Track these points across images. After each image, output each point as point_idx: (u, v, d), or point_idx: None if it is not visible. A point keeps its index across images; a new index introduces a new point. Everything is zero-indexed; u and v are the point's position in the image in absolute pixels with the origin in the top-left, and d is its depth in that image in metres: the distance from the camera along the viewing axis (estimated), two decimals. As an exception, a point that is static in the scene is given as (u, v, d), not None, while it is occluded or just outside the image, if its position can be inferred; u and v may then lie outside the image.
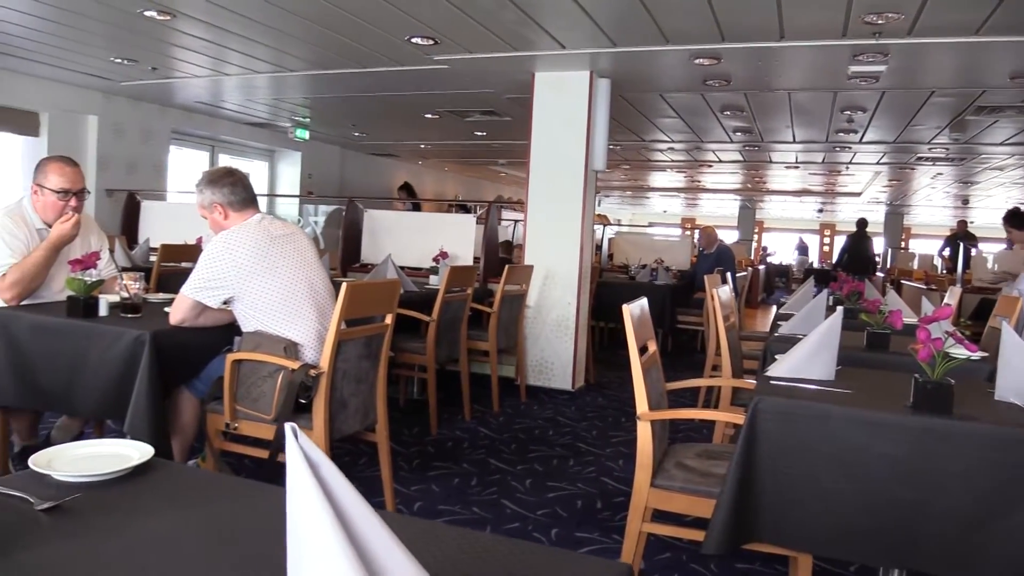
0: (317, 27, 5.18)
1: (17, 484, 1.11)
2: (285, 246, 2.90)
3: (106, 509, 1.07)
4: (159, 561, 0.95)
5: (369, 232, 6.63)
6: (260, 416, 2.79)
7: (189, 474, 1.29)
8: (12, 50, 6.35)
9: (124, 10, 4.98)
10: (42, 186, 3.22)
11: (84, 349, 2.80)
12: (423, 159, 14.12)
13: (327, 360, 2.73)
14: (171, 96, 8.19)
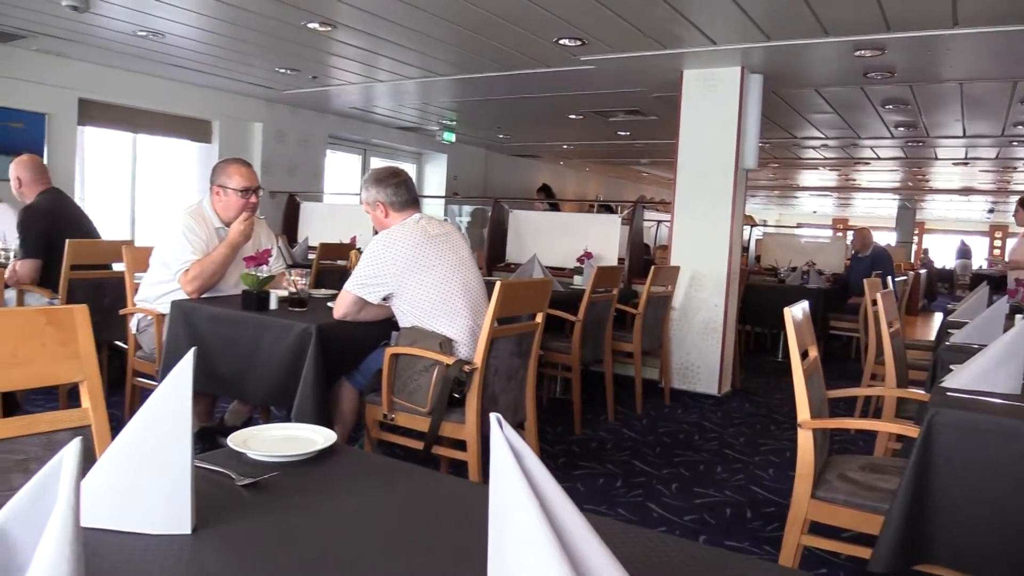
0: (465, 31, 5.30)
1: (218, 461, 1.20)
2: (441, 245, 2.99)
3: (299, 487, 1.14)
4: (352, 538, 1.00)
5: (514, 232, 6.72)
6: (416, 408, 2.88)
7: (369, 459, 1.35)
8: (188, 64, 6.89)
9: (289, 23, 5.29)
10: (224, 187, 3.47)
11: (256, 340, 2.99)
12: (565, 159, 14.17)
13: (480, 356, 2.79)
14: (328, 103, 8.63)
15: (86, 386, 1.37)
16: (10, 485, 1.27)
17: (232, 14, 5.17)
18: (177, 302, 3.21)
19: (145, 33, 5.85)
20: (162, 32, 5.81)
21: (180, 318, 3.17)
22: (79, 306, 1.38)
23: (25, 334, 1.31)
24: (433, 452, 2.89)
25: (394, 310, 3.01)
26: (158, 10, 5.19)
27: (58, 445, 1.33)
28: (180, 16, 5.34)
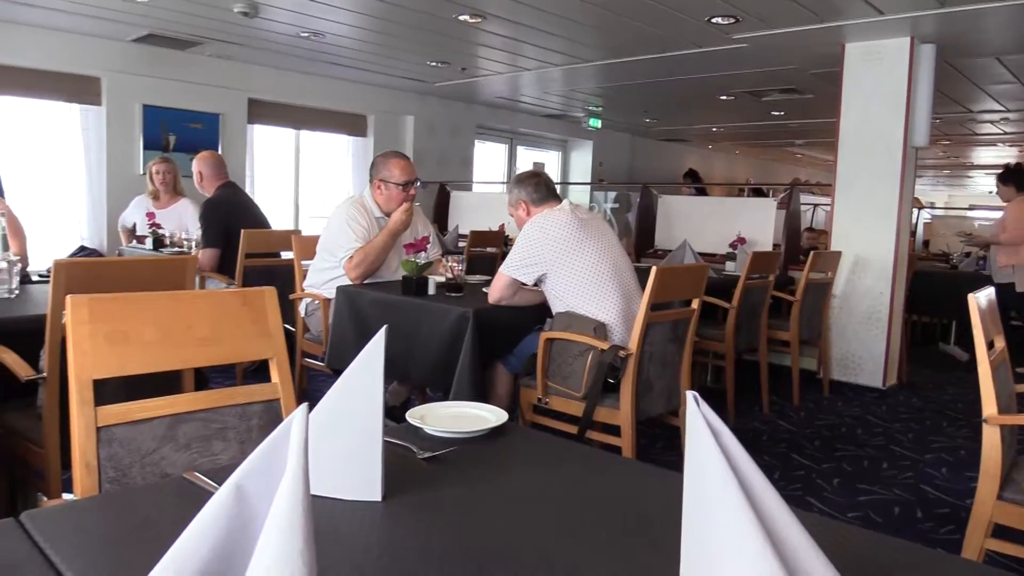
0: (613, 15, 5.24)
1: (397, 435, 1.26)
2: (591, 229, 3.00)
3: (475, 462, 1.18)
4: (529, 512, 1.02)
5: (663, 218, 6.60)
6: (570, 393, 2.90)
7: (539, 438, 1.37)
8: (345, 61, 7.22)
9: (442, 16, 5.42)
10: (385, 181, 3.62)
11: (416, 324, 3.10)
12: (713, 143, 13.77)
13: (635, 342, 2.77)
14: (476, 93, 8.80)
15: (275, 363, 1.47)
16: (211, 450, 1.39)
17: (387, 11, 5.37)
18: (342, 287, 3.39)
19: (307, 34, 6.18)
20: (322, 32, 6.12)
21: (345, 302, 3.34)
22: (269, 288, 1.48)
23: (223, 314, 1.42)
24: (587, 436, 2.90)
25: (547, 294, 3.04)
26: (319, 11, 5.47)
27: (251, 416, 1.44)
28: (339, 16, 5.60)
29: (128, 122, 6.88)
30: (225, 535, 0.56)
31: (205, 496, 1.01)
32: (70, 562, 0.83)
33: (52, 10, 5.68)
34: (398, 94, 8.66)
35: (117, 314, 1.29)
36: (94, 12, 5.69)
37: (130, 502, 1.06)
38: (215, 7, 5.42)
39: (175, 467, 1.33)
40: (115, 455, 1.26)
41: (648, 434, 4.09)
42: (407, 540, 0.94)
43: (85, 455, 1.23)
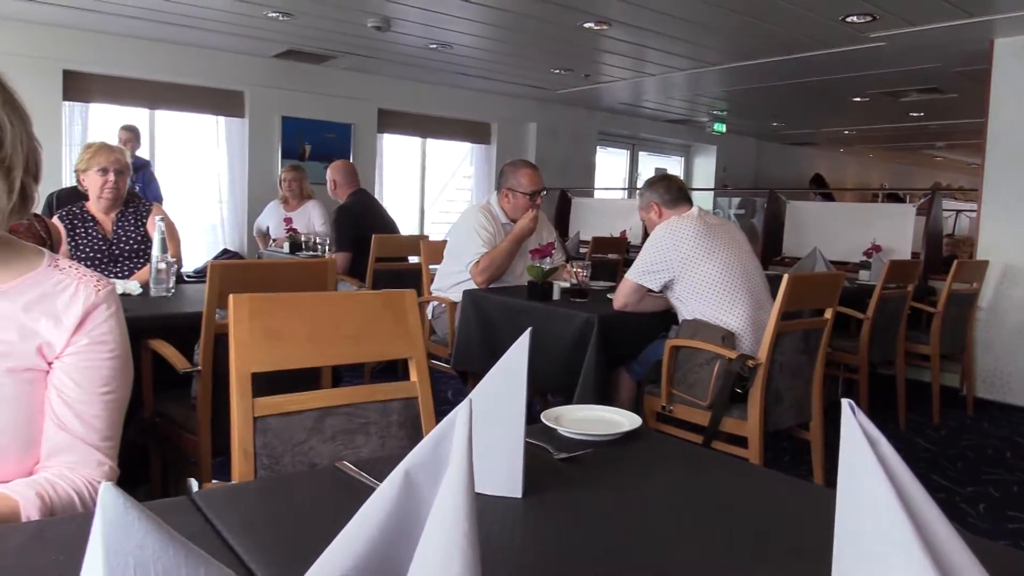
0: (740, 17, 5.13)
1: (533, 435, 1.29)
2: (722, 234, 2.96)
3: (611, 465, 1.20)
4: (665, 517, 1.02)
5: (791, 224, 6.39)
6: (695, 402, 2.86)
7: (673, 444, 1.37)
8: (471, 71, 7.39)
9: (566, 25, 5.47)
10: (513, 190, 3.68)
11: (541, 328, 3.13)
12: (845, 146, 13.20)
13: (765, 351, 2.70)
14: (598, 100, 8.80)
15: (414, 362, 1.53)
16: (354, 443, 1.46)
17: (513, 21, 5.46)
18: (468, 291, 3.47)
19: (436, 46, 6.37)
20: (450, 44, 6.29)
21: (471, 306, 3.42)
22: (409, 291, 1.55)
23: (367, 315, 1.50)
24: (712, 447, 2.85)
25: (673, 301, 3.01)
26: (448, 24, 5.63)
27: (391, 412, 1.51)
28: (466, 28, 5.74)
29: (268, 133, 7.29)
30: (393, 518, 0.60)
31: (355, 484, 1.07)
32: (239, 538, 0.90)
33: (204, 31, 6.11)
34: (521, 102, 8.78)
35: (273, 312, 1.38)
36: (241, 31, 6.07)
37: (288, 487, 1.13)
38: (351, 22, 5.68)
39: (321, 457, 1.41)
40: (269, 444, 1.35)
41: (773, 447, 3.97)
42: (546, 538, 0.96)
43: (243, 443, 1.32)
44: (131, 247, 3.35)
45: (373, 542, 0.59)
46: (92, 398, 1.17)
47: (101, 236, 3.32)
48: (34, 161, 1.17)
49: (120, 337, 1.22)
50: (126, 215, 3.38)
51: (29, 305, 1.16)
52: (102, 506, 0.42)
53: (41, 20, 5.90)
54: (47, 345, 1.15)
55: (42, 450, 1.14)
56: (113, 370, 1.20)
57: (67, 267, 1.23)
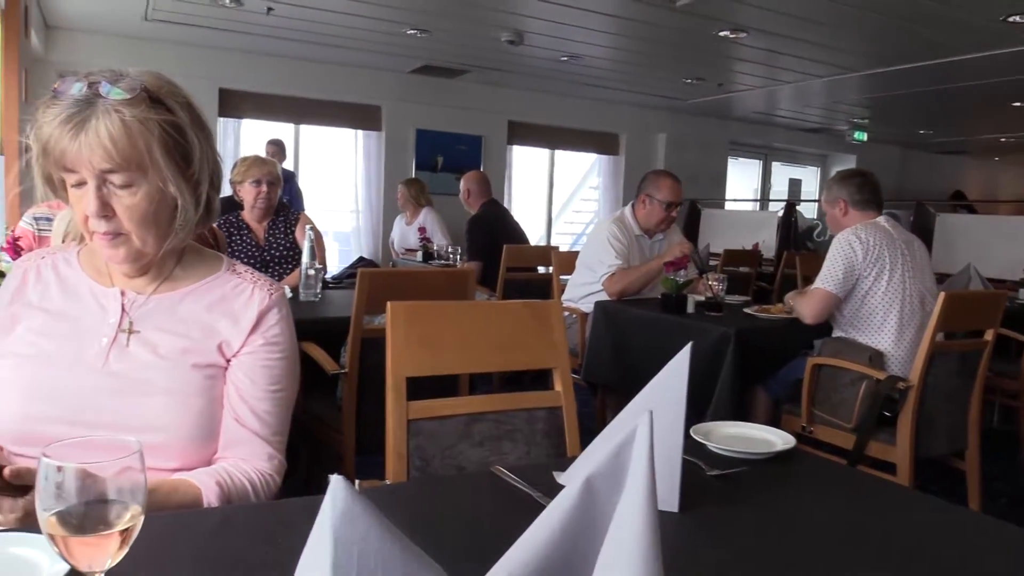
0: (886, 20, 4.89)
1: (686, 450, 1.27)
2: (902, 252, 2.83)
3: (765, 484, 1.17)
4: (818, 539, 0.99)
5: (941, 238, 6.02)
6: (839, 423, 2.74)
7: (827, 466, 1.32)
8: (600, 82, 7.39)
9: (701, 34, 5.39)
10: (651, 196, 3.65)
11: (674, 342, 3.06)
12: (1001, 154, 12.31)
13: (918, 373, 2.55)
14: (730, 109, 8.60)
15: (559, 372, 1.55)
16: (501, 450, 1.49)
17: (646, 31, 5.43)
18: (601, 303, 3.46)
19: (566, 58, 6.42)
20: (580, 55, 6.33)
21: (603, 317, 3.41)
22: (554, 301, 1.57)
23: (514, 324, 1.53)
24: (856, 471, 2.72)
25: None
26: (579, 36, 5.67)
27: (537, 421, 1.53)
28: (598, 39, 5.76)
29: (403, 145, 7.56)
30: (573, 526, 0.61)
31: (512, 489, 1.10)
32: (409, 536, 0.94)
33: (346, 49, 6.41)
34: (650, 112, 8.71)
35: (427, 319, 1.43)
36: (380, 48, 6.34)
37: (446, 489, 1.17)
38: (484, 37, 5.81)
39: (470, 462, 1.44)
40: (421, 446, 1.40)
41: (922, 475, 3.73)
42: (704, 553, 0.95)
43: (397, 444, 1.37)
44: (281, 253, 3.55)
45: (553, 549, 0.61)
46: (265, 395, 1.25)
47: (254, 243, 3.53)
48: (217, 175, 1.26)
49: (290, 339, 1.30)
50: (277, 224, 3.59)
51: (211, 306, 1.26)
52: (332, 497, 0.45)
53: (200, 43, 6.36)
54: (226, 343, 1.24)
55: (220, 441, 1.23)
56: (283, 370, 1.28)
57: (243, 271, 1.33)
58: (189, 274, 1.29)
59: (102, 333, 1.21)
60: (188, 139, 1.19)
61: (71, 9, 5.71)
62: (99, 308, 1.24)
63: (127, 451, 0.66)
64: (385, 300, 1.46)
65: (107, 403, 1.16)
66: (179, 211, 1.20)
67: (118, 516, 0.65)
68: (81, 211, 1.16)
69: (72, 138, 1.10)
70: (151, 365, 1.19)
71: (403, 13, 5.33)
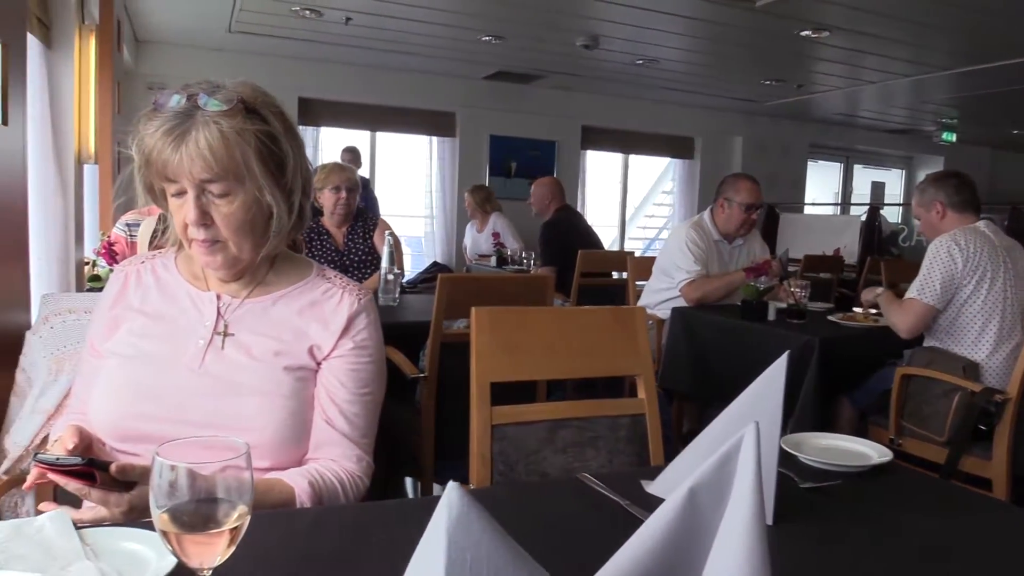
0: (973, 17, 4.69)
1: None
2: (1003, 259, 2.69)
3: (860, 498, 1.13)
4: (917, 556, 0.96)
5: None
6: (929, 436, 2.63)
7: (924, 480, 1.27)
8: (675, 85, 7.30)
9: (781, 34, 5.27)
10: (730, 200, 3.59)
11: (752, 349, 3.02)
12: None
13: (1016, 385, 2.43)
14: (809, 111, 8.39)
15: (642, 380, 1.53)
16: (584, 457, 1.48)
17: (724, 33, 5.34)
18: (678, 309, 3.41)
19: (642, 61, 6.36)
20: (657, 59, 6.26)
21: (680, 323, 3.36)
22: (639, 308, 1.55)
23: (598, 330, 1.52)
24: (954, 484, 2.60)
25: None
26: (656, 39, 5.61)
27: (620, 428, 1.51)
28: (675, 42, 5.70)
29: (477, 151, 7.62)
30: (676, 537, 0.60)
31: (599, 497, 1.09)
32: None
33: (422, 56, 6.50)
34: (726, 115, 8.56)
35: (511, 324, 1.43)
36: (454, 55, 6.41)
37: (533, 495, 1.17)
38: (560, 42, 5.81)
39: (553, 468, 1.44)
40: (504, 451, 1.40)
41: (1018, 491, 3.55)
42: (799, 568, 0.92)
43: (481, 449, 1.38)
44: (359, 258, 3.62)
45: (656, 560, 0.60)
46: (354, 398, 1.27)
47: (334, 248, 3.61)
48: (308, 183, 1.29)
49: (378, 343, 1.32)
50: (355, 229, 3.66)
51: (302, 310, 1.29)
52: (448, 503, 0.45)
53: (281, 53, 6.55)
54: (317, 347, 1.27)
55: (310, 442, 1.25)
56: (371, 373, 1.30)
57: (333, 276, 1.35)
58: (281, 279, 1.32)
59: (199, 335, 1.25)
60: (282, 148, 1.23)
61: (160, 24, 5.96)
62: (196, 311, 1.28)
63: (236, 452, 0.67)
64: (464, 305, 1.47)
65: (203, 403, 1.20)
66: (274, 219, 1.23)
67: (225, 515, 0.67)
68: (181, 219, 1.20)
69: (173, 149, 1.14)
70: (245, 367, 1.23)
71: (479, 20, 5.38)
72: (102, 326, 1.30)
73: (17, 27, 1.96)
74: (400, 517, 1.03)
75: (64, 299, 1.66)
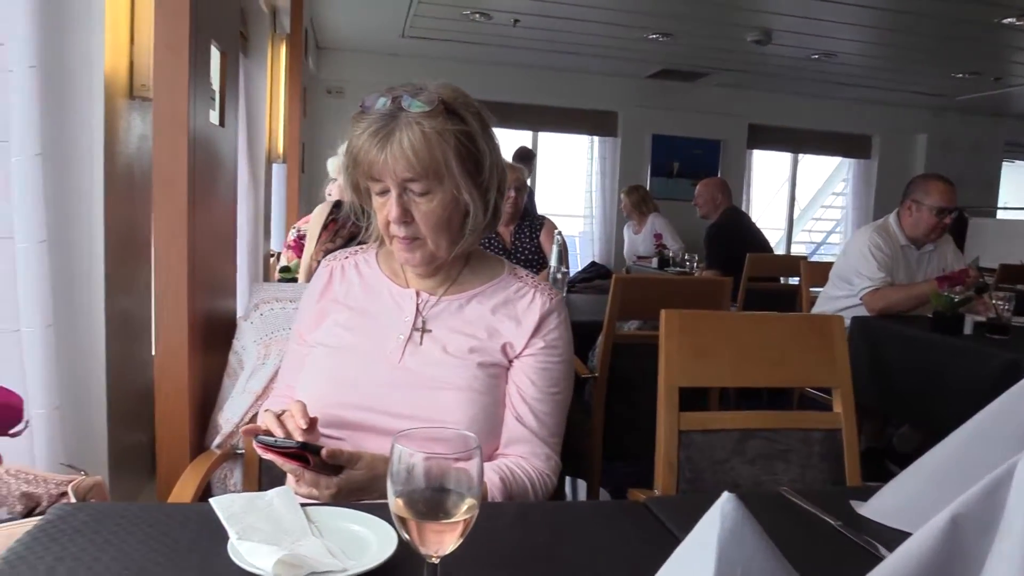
0: None
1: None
2: None
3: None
4: None
5: None
6: None
7: None
8: (852, 80, 6.90)
9: (980, 22, 4.85)
10: (919, 202, 3.34)
11: (944, 365, 2.79)
12: None
13: None
14: (1007, 105, 7.68)
15: (839, 393, 1.45)
16: (773, 470, 1.42)
17: (913, 23, 4.99)
18: (860, 318, 3.22)
19: (817, 56, 6.06)
20: (834, 53, 5.94)
21: (860, 334, 3.17)
22: (836, 316, 1.47)
23: (792, 338, 1.45)
24: None
25: None
26: (834, 32, 5.32)
27: (813, 443, 1.44)
28: (855, 34, 5.39)
29: (639, 151, 7.53)
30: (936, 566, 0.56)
31: (804, 514, 1.03)
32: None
33: (585, 56, 6.51)
34: (909, 111, 7.99)
35: (700, 329, 1.40)
36: (619, 54, 6.37)
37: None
38: (730, 38, 5.64)
39: (742, 480, 1.39)
40: (692, 459, 1.37)
41: None
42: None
43: (668, 455, 1.35)
44: (526, 256, 3.66)
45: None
46: (544, 396, 1.28)
47: (501, 246, 3.67)
48: (503, 182, 1.31)
49: (568, 343, 1.33)
50: (522, 228, 3.71)
51: (495, 308, 1.31)
52: (722, 513, 0.44)
53: (450, 56, 6.75)
54: (509, 345, 1.29)
55: (501, 439, 1.27)
56: (561, 372, 1.31)
57: (524, 275, 1.37)
58: (475, 277, 1.35)
59: (398, 331, 1.30)
60: (479, 147, 1.25)
61: (338, 31, 6.31)
62: (396, 307, 1.33)
63: (468, 445, 0.69)
64: (636, 306, 1.45)
65: (402, 396, 1.25)
66: (470, 216, 1.26)
67: (454, 505, 0.69)
68: (383, 217, 1.25)
69: (379, 150, 1.19)
70: (441, 362, 1.26)
71: (646, 18, 5.31)
72: (309, 317, 1.38)
73: (233, 37, 2.13)
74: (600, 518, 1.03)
75: (270, 289, 1.79)
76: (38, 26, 1.30)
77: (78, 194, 1.55)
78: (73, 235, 1.52)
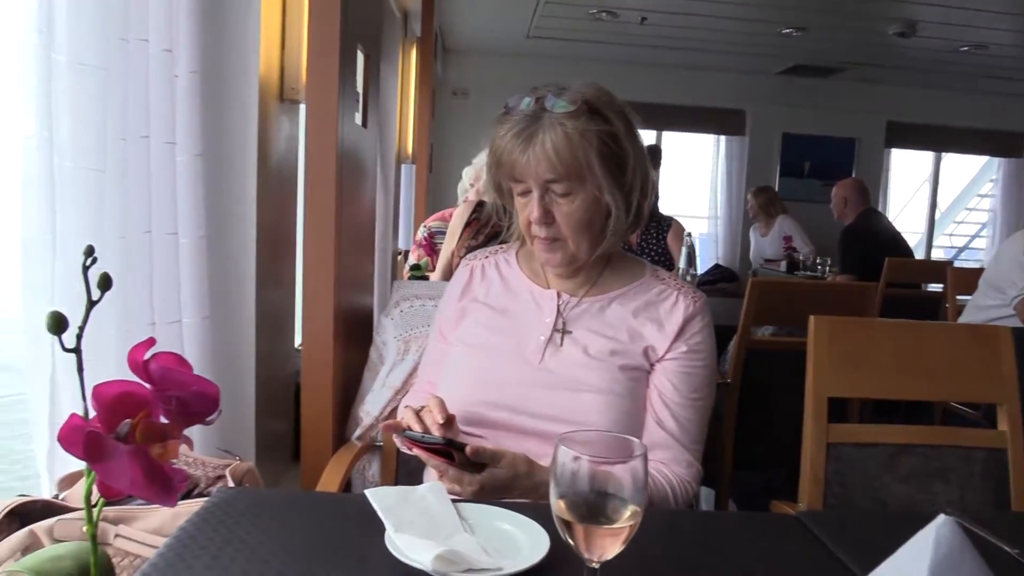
0: None
1: None
2: None
3: None
4: None
5: None
6: None
7: None
8: (1003, 72, 6.42)
9: None
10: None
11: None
12: None
13: None
14: None
15: (1004, 409, 1.35)
16: (930, 489, 1.34)
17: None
18: (1018, 329, 2.99)
19: (967, 48, 5.67)
20: (986, 44, 5.55)
21: (1018, 346, 2.94)
22: (1003, 328, 1.37)
23: (954, 350, 1.36)
24: None
25: None
26: (987, 22, 4.97)
27: (974, 462, 1.35)
28: (1011, 23, 5.00)
29: (768, 150, 7.29)
30: None
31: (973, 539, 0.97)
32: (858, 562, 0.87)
33: (711, 52, 6.35)
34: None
35: (853, 337, 1.33)
36: (747, 50, 6.17)
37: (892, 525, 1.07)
38: (869, 31, 5.36)
39: (894, 499, 1.32)
40: (841, 473, 1.31)
41: None
42: None
43: (815, 468, 1.30)
44: (652, 259, 3.61)
45: None
46: (686, 402, 1.26)
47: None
48: (647, 183, 1.29)
49: (711, 348, 1.30)
50: (649, 229, 3.66)
51: (637, 311, 1.30)
52: (937, 538, 0.41)
53: (575, 55, 6.73)
54: (651, 348, 1.27)
55: None
56: (703, 378, 1.28)
57: (667, 278, 1.35)
58: (616, 279, 1.34)
59: (539, 332, 1.30)
60: (623, 148, 1.24)
61: (464, 33, 6.41)
62: (536, 308, 1.33)
63: (633, 451, 0.68)
64: (773, 312, 1.40)
65: (543, 396, 1.25)
66: (611, 218, 1.25)
67: (615, 511, 0.68)
68: (525, 217, 1.26)
69: (522, 151, 1.19)
70: (582, 364, 1.26)
71: (780, 12, 5.12)
72: (450, 316, 1.40)
73: (375, 39, 2.20)
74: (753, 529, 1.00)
75: (410, 286, 1.84)
76: (201, 33, 1.38)
77: (234, 193, 1.64)
78: (229, 232, 1.61)
